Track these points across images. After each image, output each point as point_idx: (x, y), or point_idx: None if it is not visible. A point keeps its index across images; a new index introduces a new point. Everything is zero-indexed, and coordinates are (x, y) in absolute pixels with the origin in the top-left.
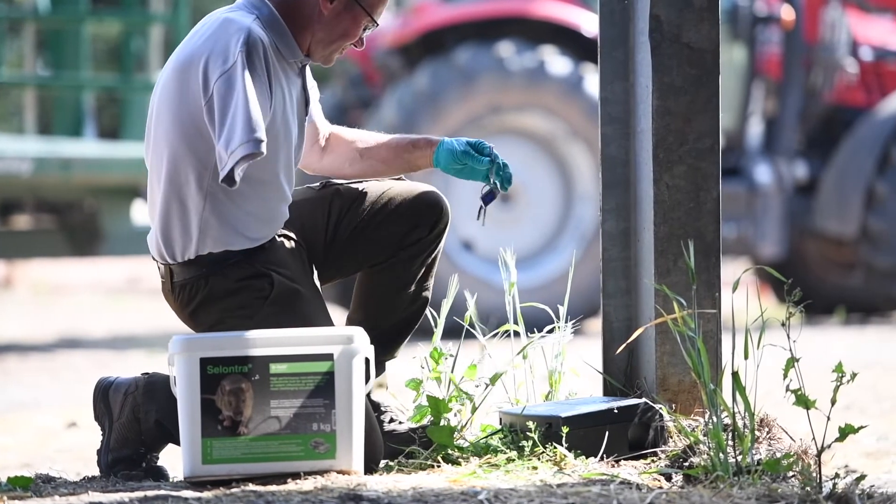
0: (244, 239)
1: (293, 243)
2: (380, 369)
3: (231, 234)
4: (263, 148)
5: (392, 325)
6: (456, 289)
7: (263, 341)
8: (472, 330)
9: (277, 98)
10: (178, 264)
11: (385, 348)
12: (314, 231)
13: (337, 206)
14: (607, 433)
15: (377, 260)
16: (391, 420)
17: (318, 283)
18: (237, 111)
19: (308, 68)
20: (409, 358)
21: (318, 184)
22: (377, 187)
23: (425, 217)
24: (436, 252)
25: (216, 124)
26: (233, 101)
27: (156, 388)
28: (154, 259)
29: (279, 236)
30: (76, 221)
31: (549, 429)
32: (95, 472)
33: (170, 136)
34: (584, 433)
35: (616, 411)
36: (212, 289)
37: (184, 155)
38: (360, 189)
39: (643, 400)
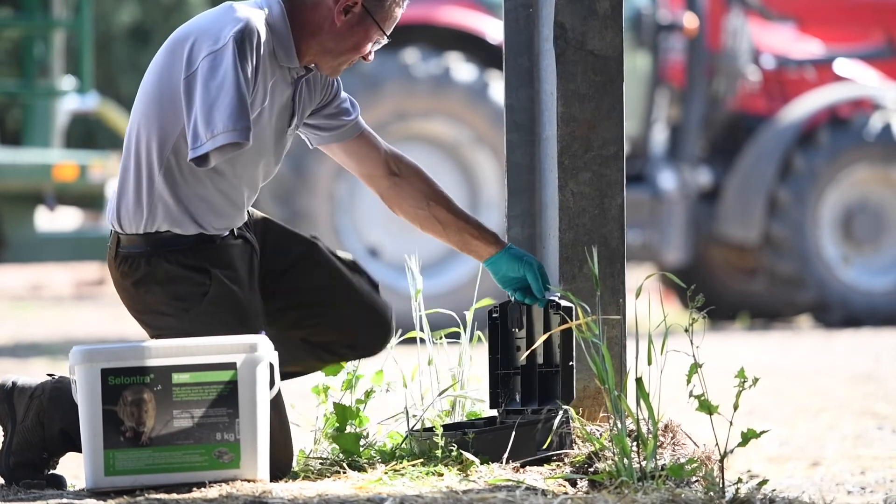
0: (194, 224)
1: (248, 245)
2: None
3: (182, 216)
4: (250, 137)
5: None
6: None
7: (165, 351)
8: None
9: (258, 97)
10: (127, 235)
11: None
12: (274, 260)
13: (303, 263)
14: (514, 435)
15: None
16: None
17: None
18: (223, 94)
19: (308, 82)
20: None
21: (310, 234)
22: (341, 279)
23: (367, 341)
24: None
25: (195, 101)
26: (216, 82)
27: (62, 394)
28: (110, 223)
29: (236, 235)
30: None
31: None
32: None
33: (145, 106)
34: (491, 437)
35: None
36: (153, 269)
37: (152, 124)
38: (333, 265)
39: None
